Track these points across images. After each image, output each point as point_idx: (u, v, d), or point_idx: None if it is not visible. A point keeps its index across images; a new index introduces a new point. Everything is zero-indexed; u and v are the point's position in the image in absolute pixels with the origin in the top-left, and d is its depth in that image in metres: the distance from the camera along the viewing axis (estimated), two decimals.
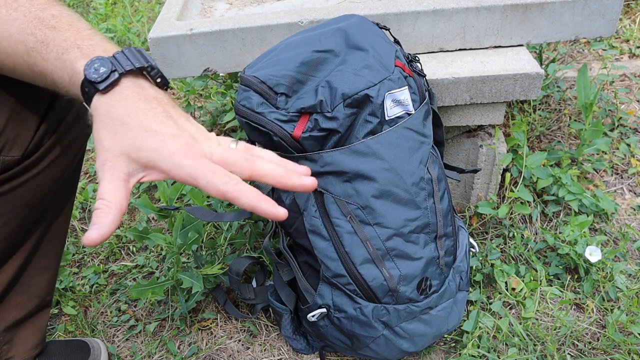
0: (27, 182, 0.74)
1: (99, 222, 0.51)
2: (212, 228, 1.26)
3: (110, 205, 0.51)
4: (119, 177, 0.52)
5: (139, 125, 0.52)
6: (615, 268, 1.10)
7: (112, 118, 0.53)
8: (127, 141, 0.52)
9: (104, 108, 0.54)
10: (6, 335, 0.88)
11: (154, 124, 0.52)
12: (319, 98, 0.82)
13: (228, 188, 0.50)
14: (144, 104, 0.54)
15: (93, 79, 0.53)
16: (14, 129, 0.69)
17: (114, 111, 0.53)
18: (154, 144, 0.52)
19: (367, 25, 0.90)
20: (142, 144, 0.52)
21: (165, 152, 0.51)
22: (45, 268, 0.89)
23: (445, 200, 0.92)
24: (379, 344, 0.92)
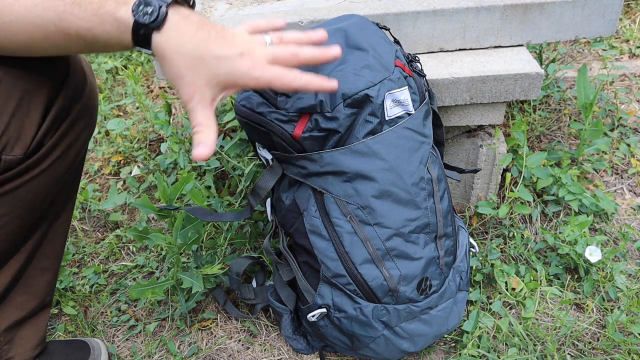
0: (29, 182, 0.74)
1: (203, 140, 0.61)
2: (212, 228, 1.26)
3: (209, 126, 0.62)
4: (207, 106, 0.62)
5: (210, 55, 0.60)
6: (615, 268, 1.10)
7: (184, 54, 0.59)
8: (205, 72, 0.60)
9: (170, 46, 0.59)
10: (7, 335, 0.88)
11: (220, 50, 0.60)
12: (319, 98, 0.82)
13: (300, 83, 0.64)
14: (201, 33, 0.60)
15: (146, 20, 0.57)
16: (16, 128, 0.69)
17: (182, 47, 0.59)
18: (229, 67, 0.61)
19: (367, 25, 0.90)
20: (219, 71, 0.60)
21: (240, 72, 0.61)
22: (45, 269, 0.89)
23: (445, 200, 0.92)
24: (379, 344, 0.92)
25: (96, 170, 1.57)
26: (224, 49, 0.61)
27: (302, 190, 0.89)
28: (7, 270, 0.83)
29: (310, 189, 0.88)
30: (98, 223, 1.41)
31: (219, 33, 0.62)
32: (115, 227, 1.39)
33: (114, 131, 1.57)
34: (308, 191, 0.88)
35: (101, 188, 1.52)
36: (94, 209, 1.42)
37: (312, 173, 0.86)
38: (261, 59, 0.63)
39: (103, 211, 1.41)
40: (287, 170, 0.88)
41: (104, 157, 1.59)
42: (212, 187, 1.31)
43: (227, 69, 0.61)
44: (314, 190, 0.88)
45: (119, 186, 1.50)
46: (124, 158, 1.58)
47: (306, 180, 0.87)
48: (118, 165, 1.57)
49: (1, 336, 0.87)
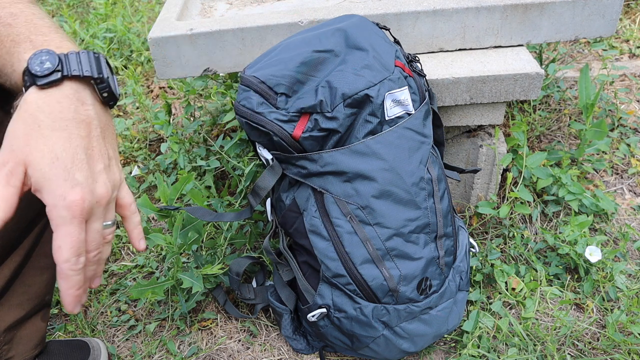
0: None
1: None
2: (212, 228, 1.26)
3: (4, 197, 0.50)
4: (14, 185, 0.50)
5: (54, 149, 0.50)
6: (615, 268, 1.10)
7: (35, 122, 0.50)
8: (36, 154, 0.49)
9: (32, 107, 0.51)
10: (6, 335, 0.88)
11: (68, 158, 0.50)
12: (319, 98, 0.82)
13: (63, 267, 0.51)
14: (74, 128, 0.51)
15: (34, 71, 0.51)
16: None
17: (41, 117, 0.50)
18: (56, 175, 0.50)
19: (367, 25, 0.90)
20: (45, 168, 0.49)
21: (58, 190, 0.50)
22: (44, 267, 0.89)
23: (445, 200, 0.92)
24: (379, 344, 0.92)
25: None
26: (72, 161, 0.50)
27: (302, 190, 0.89)
28: (5, 268, 0.83)
29: (310, 189, 0.88)
30: None
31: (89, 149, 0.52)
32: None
33: None
34: (308, 191, 0.88)
35: None
36: None
37: (312, 173, 0.86)
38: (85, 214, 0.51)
39: None
40: (287, 170, 0.88)
41: None
42: (212, 187, 1.31)
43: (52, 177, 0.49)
44: (314, 190, 0.88)
45: None
46: (124, 158, 1.58)
47: (306, 180, 0.87)
48: None
49: (1, 336, 0.87)
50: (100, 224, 0.54)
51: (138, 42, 1.99)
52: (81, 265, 0.52)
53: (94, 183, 0.52)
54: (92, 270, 0.55)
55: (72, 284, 0.52)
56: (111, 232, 0.57)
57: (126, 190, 0.59)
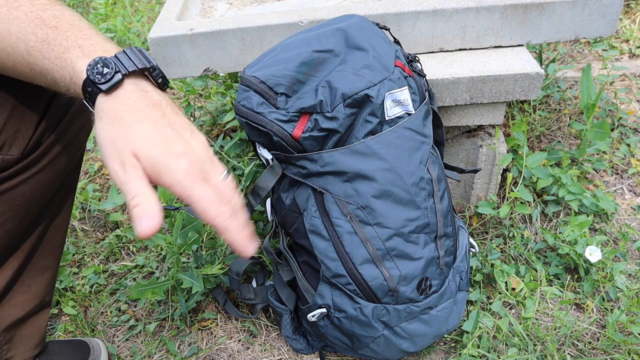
0: (26, 181, 0.74)
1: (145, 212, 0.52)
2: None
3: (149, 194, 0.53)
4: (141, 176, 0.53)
5: (147, 135, 0.54)
6: (615, 268, 1.10)
7: (122, 121, 0.54)
8: (138, 145, 0.53)
9: (111, 110, 0.55)
10: (6, 335, 0.88)
11: (161, 137, 0.54)
12: (319, 98, 0.82)
13: (218, 221, 0.54)
14: (152, 111, 0.55)
15: (97, 79, 0.54)
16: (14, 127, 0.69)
17: (122, 115, 0.54)
18: (161, 156, 0.53)
19: (367, 25, 0.90)
20: (151, 152, 0.53)
21: (170, 167, 0.53)
22: (45, 268, 0.89)
23: (445, 200, 0.92)
24: (379, 344, 0.92)
25: (96, 170, 1.57)
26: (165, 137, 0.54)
27: (302, 190, 0.89)
28: (6, 269, 0.83)
29: (310, 189, 0.88)
30: (98, 223, 1.41)
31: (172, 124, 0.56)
32: (115, 227, 1.39)
33: None
34: (308, 191, 0.88)
35: (101, 188, 1.52)
36: (94, 209, 1.42)
37: (312, 173, 0.86)
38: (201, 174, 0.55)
39: (103, 211, 1.41)
40: (287, 170, 0.88)
41: None
42: None
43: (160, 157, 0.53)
44: (314, 190, 0.88)
45: None
46: None
47: (306, 180, 0.87)
48: None
49: (1, 336, 0.87)
50: (219, 175, 0.57)
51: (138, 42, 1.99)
52: (230, 212, 0.55)
53: (192, 148, 0.56)
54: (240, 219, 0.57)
55: (236, 230, 0.55)
56: (231, 179, 0.59)
57: None
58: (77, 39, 0.57)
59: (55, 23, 0.59)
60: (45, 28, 0.58)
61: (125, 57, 0.56)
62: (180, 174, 0.53)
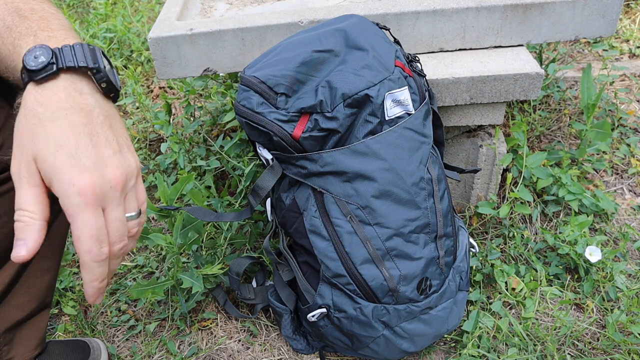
0: None
1: (24, 236, 0.48)
2: (212, 228, 1.26)
3: (33, 216, 0.48)
4: (36, 184, 0.49)
5: (55, 138, 0.48)
6: (615, 268, 1.10)
7: (35, 116, 0.49)
8: (40, 146, 0.48)
9: (32, 102, 0.50)
10: (6, 336, 0.88)
11: (70, 143, 0.48)
12: (319, 98, 0.82)
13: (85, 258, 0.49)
14: (74, 115, 0.50)
15: (30, 66, 0.50)
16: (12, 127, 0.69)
17: (39, 110, 0.49)
18: (58, 163, 0.48)
19: (367, 25, 0.90)
20: (50, 157, 0.48)
21: (64, 177, 0.47)
22: (45, 269, 0.89)
23: (445, 200, 0.92)
24: (379, 344, 0.92)
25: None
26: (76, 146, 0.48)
27: (302, 190, 0.89)
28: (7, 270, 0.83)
29: (310, 189, 0.88)
30: None
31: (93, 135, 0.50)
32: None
33: None
34: (308, 191, 0.88)
35: None
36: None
37: (312, 173, 0.86)
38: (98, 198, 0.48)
39: None
40: (287, 170, 0.88)
41: None
42: (212, 187, 1.31)
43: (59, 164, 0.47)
44: (314, 190, 0.88)
45: None
46: None
47: (306, 180, 0.87)
48: None
49: (1, 337, 0.87)
50: (122, 212, 0.51)
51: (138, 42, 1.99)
52: (104, 256, 0.50)
53: (104, 167, 0.50)
54: (116, 263, 0.52)
55: (95, 276, 0.50)
56: (136, 224, 0.54)
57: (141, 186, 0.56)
58: (37, 29, 0.54)
59: (27, 14, 0.56)
60: (15, 17, 0.56)
61: (70, 51, 0.51)
62: (72, 188, 0.47)
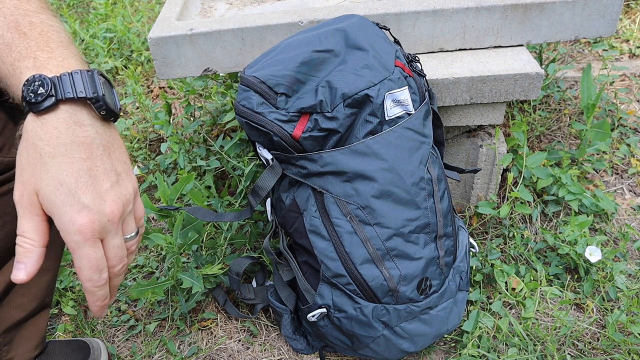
0: None
1: (24, 261, 0.53)
2: (212, 228, 1.26)
3: (34, 243, 0.52)
4: (37, 214, 0.52)
5: (55, 176, 0.50)
6: (615, 268, 1.10)
7: (36, 151, 0.51)
8: (41, 183, 0.51)
9: (33, 135, 0.51)
10: (6, 336, 0.88)
11: (70, 181, 0.50)
12: (319, 98, 0.82)
13: (86, 285, 0.54)
14: (74, 152, 0.51)
15: (29, 98, 0.50)
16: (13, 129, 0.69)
17: (40, 145, 0.51)
18: (59, 203, 0.50)
19: (367, 25, 0.90)
20: (51, 195, 0.50)
21: (64, 217, 0.51)
22: (45, 270, 0.89)
23: (445, 200, 0.92)
24: (379, 344, 0.92)
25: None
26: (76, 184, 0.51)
27: (302, 190, 0.89)
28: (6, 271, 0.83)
29: (310, 189, 0.88)
30: None
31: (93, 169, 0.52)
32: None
33: None
34: (308, 191, 0.88)
35: None
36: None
37: (312, 173, 0.86)
38: (97, 233, 0.52)
39: None
40: (287, 170, 0.88)
41: None
42: (212, 187, 1.31)
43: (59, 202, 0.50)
44: (314, 190, 0.88)
45: None
46: None
47: (306, 180, 0.87)
48: None
49: (1, 337, 0.87)
50: (119, 239, 0.55)
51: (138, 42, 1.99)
52: (104, 281, 0.54)
53: (102, 203, 0.52)
54: (118, 281, 0.57)
55: (98, 298, 0.55)
56: (134, 242, 0.58)
57: (139, 202, 0.59)
58: (37, 50, 0.54)
59: (27, 30, 0.55)
60: (14, 33, 0.55)
61: (69, 80, 0.52)
62: (72, 227, 0.51)
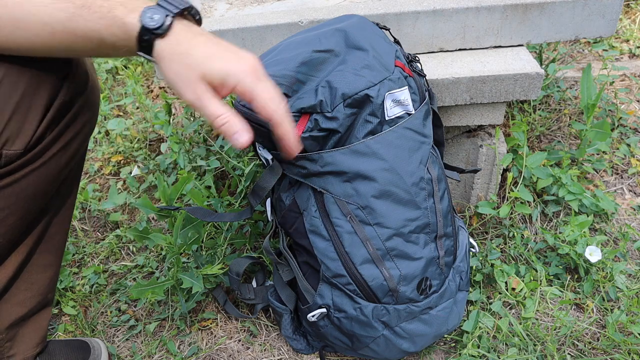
0: (28, 175, 0.74)
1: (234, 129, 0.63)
2: (212, 228, 1.26)
3: (228, 113, 0.62)
4: (213, 95, 0.62)
5: (205, 54, 0.62)
6: (615, 268, 1.10)
7: (180, 54, 0.62)
8: (201, 66, 0.61)
9: (169, 49, 0.62)
10: (9, 333, 0.88)
11: (217, 50, 0.62)
12: (319, 98, 0.82)
13: (276, 115, 0.65)
14: (201, 37, 0.63)
15: (151, 26, 0.61)
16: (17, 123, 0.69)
17: (178, 48, 0.62)
18: (223, 64, 0.62)
19: (367, 25, 0.90)
20: (213, 66, 0.61)
21: (231, 69, 0.62)
22: (47, 265, 0.89)
23: (445, 200, 0.92)
24: (379, 344, 0.92)
25: (96, 170, 1.57)
26: (219, 49, 0.63)
27: (302, 190, 0.89)
28: (8, 264, 0.83)
29: (310, 189, 0.88)
30: (98, 223, 1.41)
31: (220, 41, 0.64)
32: (115, 227, 1.39)
33: (114, 131, 1.57)
34: (308, 191, 0.88)
35: (101, 188, 1.52)
36: (94, 209, 1.42)
37: (312, 173, 0.86)
38: (260, 72, 0.64)
39: (103, 211, 1.41)
40: (287, 170, 0.88)
41: (104, 157, 1.59)
42: (212, 187, 1.31)
43: (220, 67, 0.62)
44: (313, 190, 0.88)
45: (119, 186, 1.50)
46: (124, 158, 1.58)
47: (306, 180, 0.87)
48: (118, 165, 1.57)
49: (3, 334, 0.88)
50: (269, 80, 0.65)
51: None
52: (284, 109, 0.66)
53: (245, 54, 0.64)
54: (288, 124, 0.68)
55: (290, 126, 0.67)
56: None
57: None
58: None
59: None
60: None
61: (166, 2, 0.62)
62: (242, 73, 0.62)
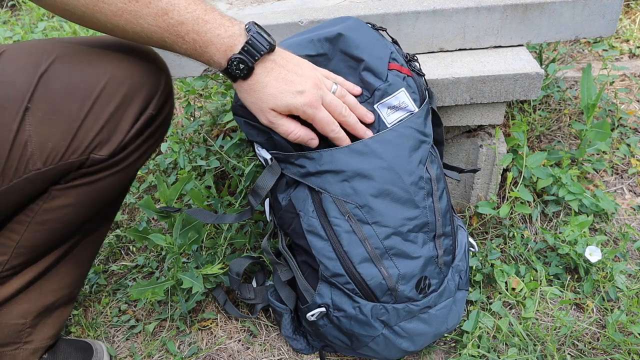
0: (102, 180, 0.79)
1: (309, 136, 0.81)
2: (212, 228, 1.26)
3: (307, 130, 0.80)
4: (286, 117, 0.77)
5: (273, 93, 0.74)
6: (615, 268, 1.10)
7: (255, 90, 0.75)
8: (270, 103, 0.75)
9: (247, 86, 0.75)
10: (34, 320, 0.92)
11: (282, 88, 0.74)
12: None
13: (331, 135, 0.81)
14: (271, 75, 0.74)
15: (237, 74, 0.73)
16: (109, 131, 0.74)
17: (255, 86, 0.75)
18: (287, 101, 0.75)
19: (362, 28, 0.89)
20: (278, 104, 0.75)
21: (293, 104, 0.75)
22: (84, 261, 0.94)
23: (443, 200, 0.92)
24: (378, 343, 0.92)
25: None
26: (287, 87, 0.74)
27: (299, 191, 0.89)
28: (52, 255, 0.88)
29: (308, 189, 0.88)
30: None
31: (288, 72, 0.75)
32: (116, 227, 1.39)
33: None
34: (305, 192, 0.88)
35: None
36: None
37: (310, 172, 0.86)
38: (318, 99, 0.76)
39: None
40: (286, 169, 0.88)
41: None
42: (212, 187, 1.31)
43: (285, 101, 0.75)
44: (311, 190, 0.88)
45: None
46: None
47: (304, 180, 0.87)
48: None
49: (30, 320, 0.91)
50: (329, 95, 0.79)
51: None
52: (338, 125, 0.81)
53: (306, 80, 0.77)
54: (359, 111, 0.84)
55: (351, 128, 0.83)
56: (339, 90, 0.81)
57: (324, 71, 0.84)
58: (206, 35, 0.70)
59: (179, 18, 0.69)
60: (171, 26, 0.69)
61: (251, 49, 0.71)
62: (303, 107, 0.75)
